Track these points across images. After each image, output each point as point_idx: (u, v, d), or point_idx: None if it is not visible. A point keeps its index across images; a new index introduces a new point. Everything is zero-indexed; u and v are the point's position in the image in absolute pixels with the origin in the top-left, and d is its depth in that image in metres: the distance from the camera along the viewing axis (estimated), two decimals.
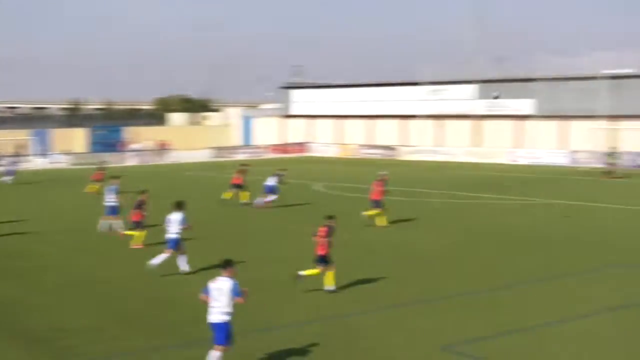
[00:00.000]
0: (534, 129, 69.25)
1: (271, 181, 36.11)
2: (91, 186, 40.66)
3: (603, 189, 44.11)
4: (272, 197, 35.58)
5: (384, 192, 30.57)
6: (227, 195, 36.90)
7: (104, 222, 28.56)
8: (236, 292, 13.31)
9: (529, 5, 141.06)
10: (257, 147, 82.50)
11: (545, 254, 24.07)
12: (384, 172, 33.53)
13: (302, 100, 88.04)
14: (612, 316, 16.97)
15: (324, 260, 18.78)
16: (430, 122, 76.50)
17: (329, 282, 18.86)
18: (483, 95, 73.62)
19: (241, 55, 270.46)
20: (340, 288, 18.94)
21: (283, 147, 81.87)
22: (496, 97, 61.59)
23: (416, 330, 15.87)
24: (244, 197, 36.44)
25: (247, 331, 15.04)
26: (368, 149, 78.20)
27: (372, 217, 29.85)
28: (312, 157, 76.68)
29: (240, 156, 74.91)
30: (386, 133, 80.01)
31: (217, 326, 13.33)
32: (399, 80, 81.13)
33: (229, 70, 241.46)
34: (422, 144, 75.67)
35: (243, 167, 38.21)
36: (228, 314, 13.31)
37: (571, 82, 68.18)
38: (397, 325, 16.26)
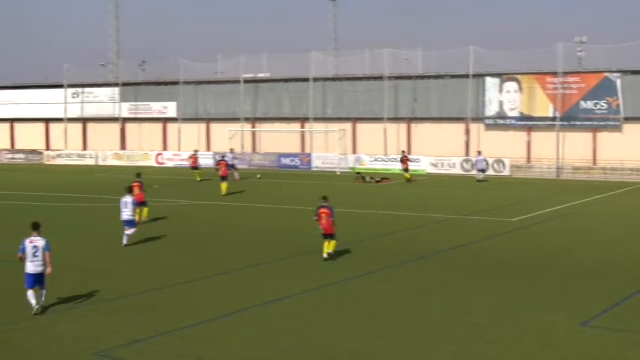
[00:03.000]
0: (178, 132, 70.90)
1: None
2: None
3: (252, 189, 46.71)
4: None
5: None
6: None
7: None
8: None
9: (170, 11, 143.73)
10: None
11: (201, 255, 25.18)
12: None
13: None
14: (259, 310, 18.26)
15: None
16: (75, 125, 75.10)
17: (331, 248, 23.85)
18: (126, 98, 73.81)
19: None
20: None
21: None
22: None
23: (67, 338, 15.73)
24: None
25: None
26: (10, 154, 75.14)
27: None
28: None
29: None
30: (29, 137, 77.18)
31: None
32: (40, 83, 78.57)
33: None
34: (67, 148, 74.05)
35: None
36: None
37: (212, 86, 70.95)
38: (50, 334, 16.06)
